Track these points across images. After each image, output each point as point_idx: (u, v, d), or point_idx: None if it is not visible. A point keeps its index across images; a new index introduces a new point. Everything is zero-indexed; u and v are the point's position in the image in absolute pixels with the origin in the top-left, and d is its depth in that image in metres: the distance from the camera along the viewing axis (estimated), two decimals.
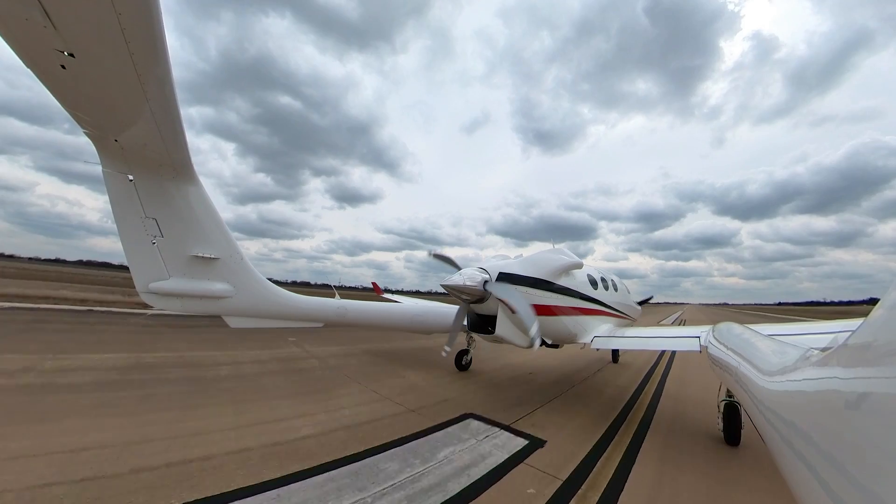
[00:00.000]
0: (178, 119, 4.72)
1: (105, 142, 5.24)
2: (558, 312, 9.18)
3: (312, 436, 5.98)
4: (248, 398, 7.63)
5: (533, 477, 5.11)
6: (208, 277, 7.00)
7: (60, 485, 4.07)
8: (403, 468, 5.04)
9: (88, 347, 10.98)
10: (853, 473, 0.93)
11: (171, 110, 4.45)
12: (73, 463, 4.54)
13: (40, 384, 7.38)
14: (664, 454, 6.26)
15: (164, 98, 4.16)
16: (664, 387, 11.72)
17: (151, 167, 5.94)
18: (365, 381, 9.80)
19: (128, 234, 6.17)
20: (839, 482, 1.01)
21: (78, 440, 5.13)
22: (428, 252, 8.79)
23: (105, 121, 4.71)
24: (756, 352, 2.90)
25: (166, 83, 3.93)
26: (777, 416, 1.73)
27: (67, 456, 4.69)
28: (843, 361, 1.17)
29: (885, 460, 0.80)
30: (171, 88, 4.04)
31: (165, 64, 3.65)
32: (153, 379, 8.46)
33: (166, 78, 3.84)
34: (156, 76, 3.75)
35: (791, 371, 1.80)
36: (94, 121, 4.68)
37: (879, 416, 0.86)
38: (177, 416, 6.36)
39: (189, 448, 5.18)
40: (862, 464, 0.90)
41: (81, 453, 4.79)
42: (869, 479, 0.86)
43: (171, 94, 4.16)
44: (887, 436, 0.80)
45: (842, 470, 1.00)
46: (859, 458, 0.91)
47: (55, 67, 3.41)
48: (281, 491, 4.28)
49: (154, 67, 3.63)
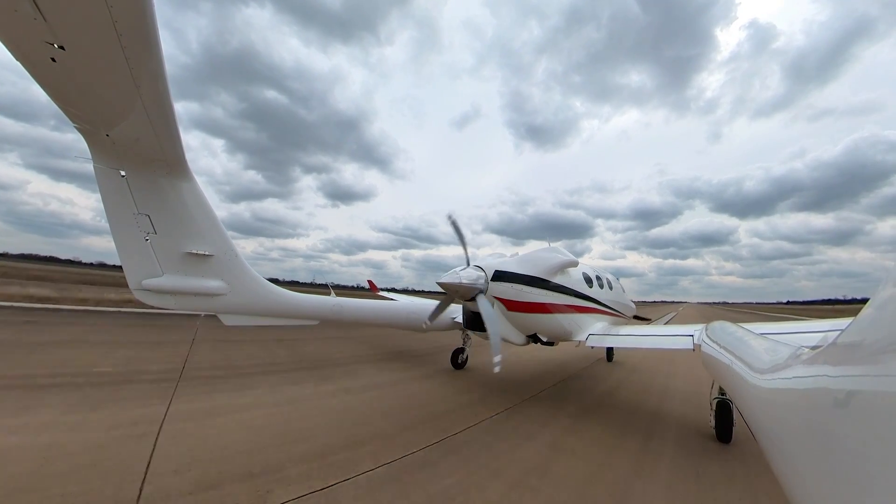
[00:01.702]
0: (172, 114, 4.65)
1: (96, 137, 5.14)
2: (553, 310, 9.21)
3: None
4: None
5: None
6: (202, 274, 6.94)
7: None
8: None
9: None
10: (842, 469, 0.94)
11: (163, 105, 4.38)
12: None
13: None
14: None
15: (156, 92, 4.09)
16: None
17: (144, 162, 5.85)
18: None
19: (120, 230, 6.09)
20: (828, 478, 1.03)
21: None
22: (447, 216, 8.88)
23: (96, 115, 4.63)
24: (748, 350, 2.92)
25: (159, 77, 3.86)
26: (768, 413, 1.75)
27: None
28: (833, 360, 1.19)
29: (873, 456, 0.81)
30: (163, 82, 3.98)
31: (158, 57, 3.59)
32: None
33: (159, 71, 3.78)
34: (148, 70, 3.69)
35: (782, 369, 1.82)
36: (85, 115, 4.59)
37: (867, 413, 0.87)
38: None
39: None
40: (850, 460, 0.91)
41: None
42: (857, 475, 0.87)
43: (164, 89, 4.09)
44: (875, 432, 0.81)
45: (831, 466, 1.01)
46: (848, 455, 0.92)
47: (45, 60, 3.34)
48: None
49: (146, 61, 3.57)
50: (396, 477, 4.82)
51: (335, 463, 5.05)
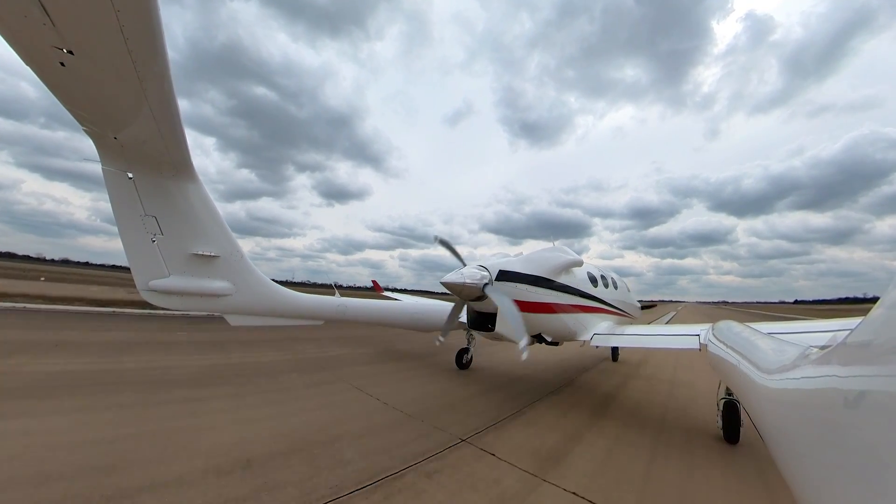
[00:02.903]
0: (177, 116, 4.71)
1: (104, 139, 5.23)
2: (558, 310, 9.18)
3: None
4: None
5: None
6: (208, 275, 7.01)
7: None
8: None
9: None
10: (851, 471, 0.93)
11: (169, 107, 4.44)
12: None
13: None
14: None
15: (162, 95, 4.15)
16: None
17: (151, 165, 5.93)
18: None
19: (128, 231, 6.17)
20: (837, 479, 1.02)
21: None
22: (434, 237, 8.87)
23: (105, 118, 4.70)
24: (756, 350, 2.90)
25: (165, 80, 3.92)
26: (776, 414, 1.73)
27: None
28: (843, 360, 1.17)
29: (883, 458, 0.80)
30: (169, 85, 4.03)
31: (164, 61, 3.64)
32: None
33: (165, 75, 3.83)
34: (154, 73, 3.74)
35: (790, 369, 1.80)
36: (94, 118, 4.67)
37: (878, 413, 0.86)
38: None
39: None
40: (860, 461, 0.90)
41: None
42: (867, 477, 0.86)
43: (170, 92, 4.15)
44: (886, 433, 0.80)
45: (840, 467, 1.00)
46: (858, 456, 0.91)
47: (54, 65, 3.40)
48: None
49: (152, 65, 3.62)
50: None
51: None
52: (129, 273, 6.31)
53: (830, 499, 1.07)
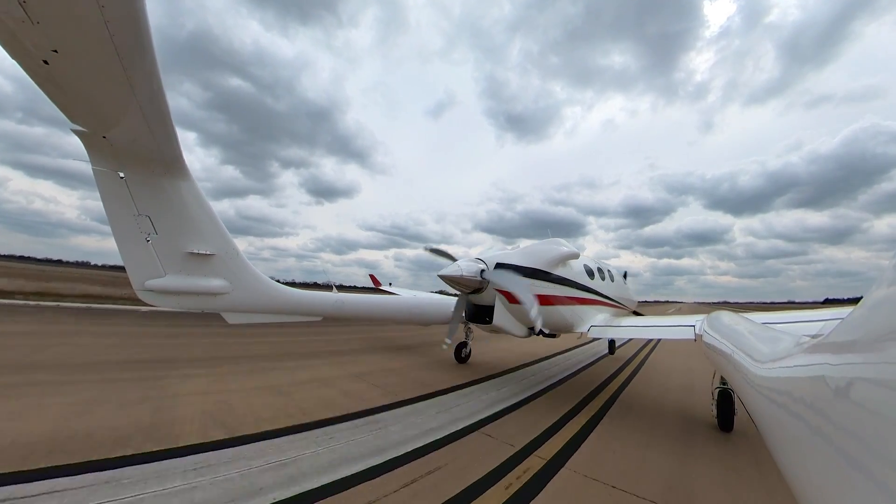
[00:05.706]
0: (167, 113, 4.63)
1: (94, 139, 5.13)
2: (555, 302, 9.23)
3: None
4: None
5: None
6: (204, 274, 6.96)
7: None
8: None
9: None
10: (843, 457, 0.95)
11: (159, 105, 4.36)
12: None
13: None
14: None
15: (151, 92, 4.07)
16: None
17: (142, 163, 5.84)
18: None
19: (121, 232, 6.10)
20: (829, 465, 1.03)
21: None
22: (424, 247, 8.89)
23: (93, 117, 4.62)
24: (749, 339, 2.93)
25: (153, 77, 3.84)
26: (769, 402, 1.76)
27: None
28: (833, 348, 1.19)
29: (872, 444, 0.81)
30: (158, 82, 3.95)
31: (151, 57, 3.56)
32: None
33: (153, 72, 3.76)
34: (142, 70, 3.67)
35: (783, 358, 1.82)
36: (83, 117, 4.58)
37: (867, 400, 0.87)
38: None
39: None
40: (851, 447, 0.91)
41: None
42: (858, 462, 0.87)
43: (159, 89, 4.07)
44: (874, 420, 0.82)
45: (832, 453, 1.02)
46: (848, 442, 0.93)
47: (38, 63, 3.32)
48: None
49: (140, 61, 3.54)
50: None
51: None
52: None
53: (822, 483, 1.09)
